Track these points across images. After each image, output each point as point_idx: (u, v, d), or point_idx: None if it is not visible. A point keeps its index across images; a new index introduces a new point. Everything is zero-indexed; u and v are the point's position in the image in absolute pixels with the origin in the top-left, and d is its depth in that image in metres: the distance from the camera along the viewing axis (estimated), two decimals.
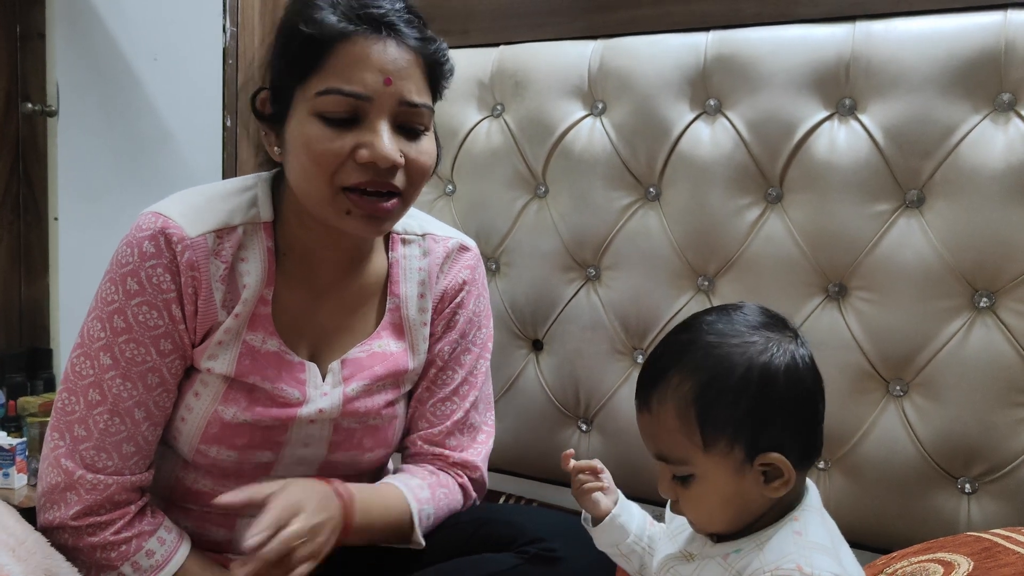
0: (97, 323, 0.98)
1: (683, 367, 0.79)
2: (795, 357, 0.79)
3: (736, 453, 0.77)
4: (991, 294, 1.20)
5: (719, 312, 0.83)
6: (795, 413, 0.79)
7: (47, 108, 2.22)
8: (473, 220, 1.57)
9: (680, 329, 0.84)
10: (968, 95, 1.20)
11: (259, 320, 1.02)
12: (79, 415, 0.98)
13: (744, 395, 0.77)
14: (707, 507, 0.81)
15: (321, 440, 1.06)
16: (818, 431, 0.82)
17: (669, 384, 0.79)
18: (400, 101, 0.94)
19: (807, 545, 0.76)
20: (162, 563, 1.00)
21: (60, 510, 0.98)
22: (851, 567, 0.78)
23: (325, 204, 0.96)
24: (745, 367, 0.77)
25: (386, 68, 0.93)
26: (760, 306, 0.84)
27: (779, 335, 0.80)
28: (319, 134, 0.93)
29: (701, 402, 0.78)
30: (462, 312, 1.14)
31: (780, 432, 0.78)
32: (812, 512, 0.80)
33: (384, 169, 0.94)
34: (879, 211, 1.25)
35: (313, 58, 0.93)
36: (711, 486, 0.79)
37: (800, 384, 0.79)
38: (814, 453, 0.82)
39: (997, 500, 1.20)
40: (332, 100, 0.92)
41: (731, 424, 0.77)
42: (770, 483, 0.78)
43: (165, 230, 0.97)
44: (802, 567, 0.74)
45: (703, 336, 0.80)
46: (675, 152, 1.39)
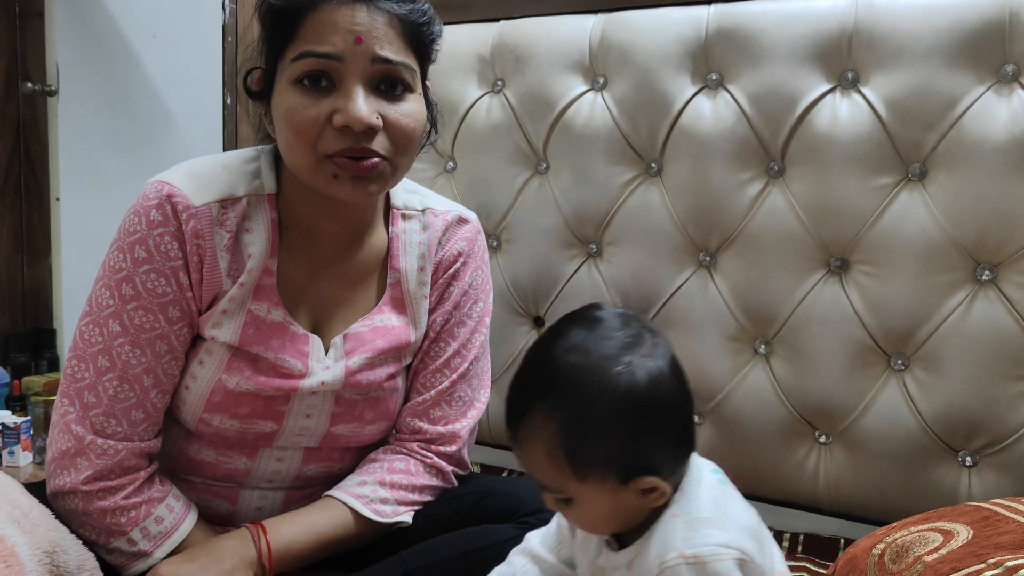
0: (106, 291, 0.98)
1: (544, 406, 0.77)
2: (652, 374, 0.77)
3: (610, 481, 0.77)
4: (993, 267, 1.20)
5: (575, 331, 0.80)
6: (662, 431, 0.78)
7: (47, 88, 2.22)
8: (474, 197, 1.56)
9: (538, 354, 0.82)
10: (972, 67, 1.19)
11: (264, 290, 1.03)
12: (88, 382, 0.99)
13: (609, 429, 0.76)
14: (590, 523, 0.83)
15: (323, 411, 1.07)
16: (688, 431, 0.81)
17: (533, 424, 0.78)
18: (372, 58, 0.94)
19: (687, 525, 0.77)
20: (170, 530, 1.01)
21: (71, 475, 0.99)
22: (741, 519, 0.79)
23: (311, 172, 0.96)
24: (606, 401, 0.76)
25: (355, 28, 0.93)
26: (614, 314, 0.81)
27: (634, 351, 0.78)
28: (297, 103, 0.94)
29: (568, 442, 0.77)
30: (457, 284, 1.14)
31: (650, 454, 0.78)
32: (690, 487, 0.80)
33: (360, 133, 0.93)
34: (881, 184, 1.25)
35: (287, 28, 0.95)
36: (591, 507, 0.80)
37: (662, 401, 0.78)
38: (687, 452, 0.82)
39: (997, 473, 1.20)
40: (305, 63, 0.93)
41: (601, 458, 0.77)
42: (647, 496, 0.79)
43: (171, 198, 0.97)
44: (684, 552, 0.75)
45: (560, 367, 0.78)
46: (676, 127, 1.39)
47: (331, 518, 1.05)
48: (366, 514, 1.05)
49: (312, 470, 1.11)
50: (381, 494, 1.07)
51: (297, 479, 1.11)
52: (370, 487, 1.08)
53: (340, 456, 1.13)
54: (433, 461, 1.12)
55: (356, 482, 1.08)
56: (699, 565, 0.74)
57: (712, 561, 0.74)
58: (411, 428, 1.13)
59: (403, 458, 1.11)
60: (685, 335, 1.40)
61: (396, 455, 1.12)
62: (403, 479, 1.09)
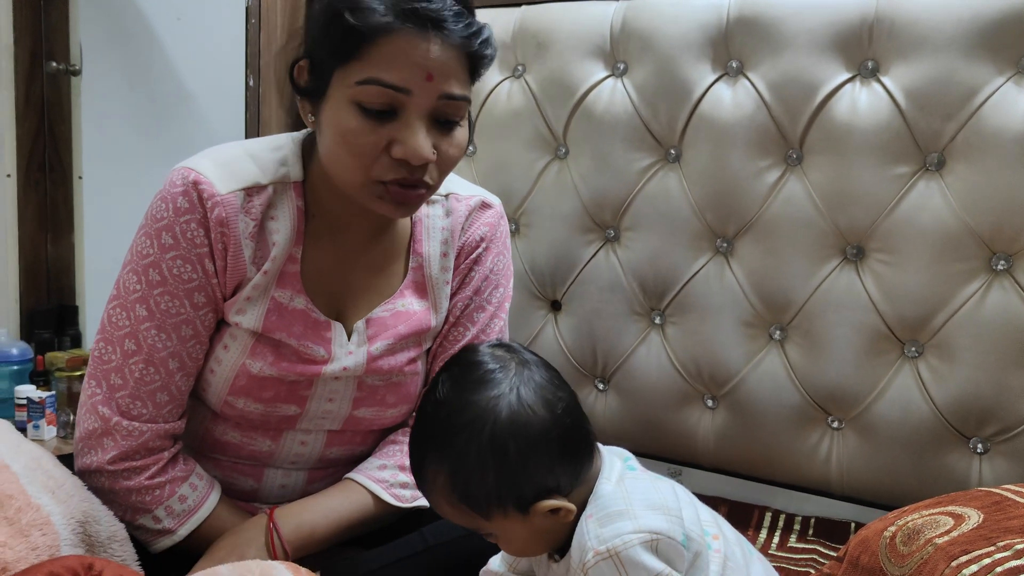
0: (133, 276, 1.00)
1: (429, 460, 0.82)
2: (515, 407, 0.80)
3: (511, 513, 0.81)
4: (1008, 257, 1.21)
5: (442, 386, 0.83)
6: (541, 456, 0.80)
7: (71, 67, 2.24)
8: (494, 181, 1.58)
9: (420, 411, 0.86)
10: (992, 57, 1.20)
11: (287, 278, 1.04)
12: (115, 364, 1.01)
13: (487, 471, 0.79)
14: (517, 547, 0.86)
15: (345, 396, 1.08)
16: (574, 448, 0.83)
17: (427, 480, 0.83)
18: (440, 95, 0.94)
19: (598, 522, 0.80)
20: (194, 508, 1.04)
21: (97, 455, 1.02)
22: (650, 496, 0.81)
23: (357, 189, 0.97)
24: (476, 445, 0.79)
25: (428, 65, 0.91)
26: (483, 352, 0.84)
27: (498, 390, 0.80)
28: (356, 126, 0.92)
29: (456, 490, 0.81)
30: (478, 269, 1.15)
31: (538, 480, 0.80)
32: (601, 485, 0.83)
33: (417, 166, 0.94)
34: (899, 174, 1.26)
35: (355, 46, 0.92)
36: (510, 536, 0.84)
37: (529, 429, 0.80)
38: (585, 459, 0.83)
39: (1009, 460, 1.22)
40: (372, 91, 0.91)
41: (492, 497, 0.80)
42: (556, 515, 0.81)
43: (197, 185, 0.98)
44: (597, 549, 0.78)
45: (434, 423, 0.82)
46: (696, 113, 1.40)
47: (352, 503, 1.07)
48: (387, 499, 1.07)
49: (334, 452, 1.13)
50: (401, 478, 1.09)
51: (320, 461, 1.13)
52: (390, 471, 1.09)
53: (362, 439, 1.14)
54: None
55: (376, 465, 1.10)
56: (614, 557, 0.77)
57: (624, 549, 0.77)
58: None
59: None
60: (701, 321, 1.42)
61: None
62: None
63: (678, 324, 1.45)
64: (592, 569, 0.78)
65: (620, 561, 0.77)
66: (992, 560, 0.79)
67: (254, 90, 1.88)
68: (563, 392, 0.84)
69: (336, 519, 1.05)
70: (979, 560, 0.80)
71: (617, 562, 0.77)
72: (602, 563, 0.77)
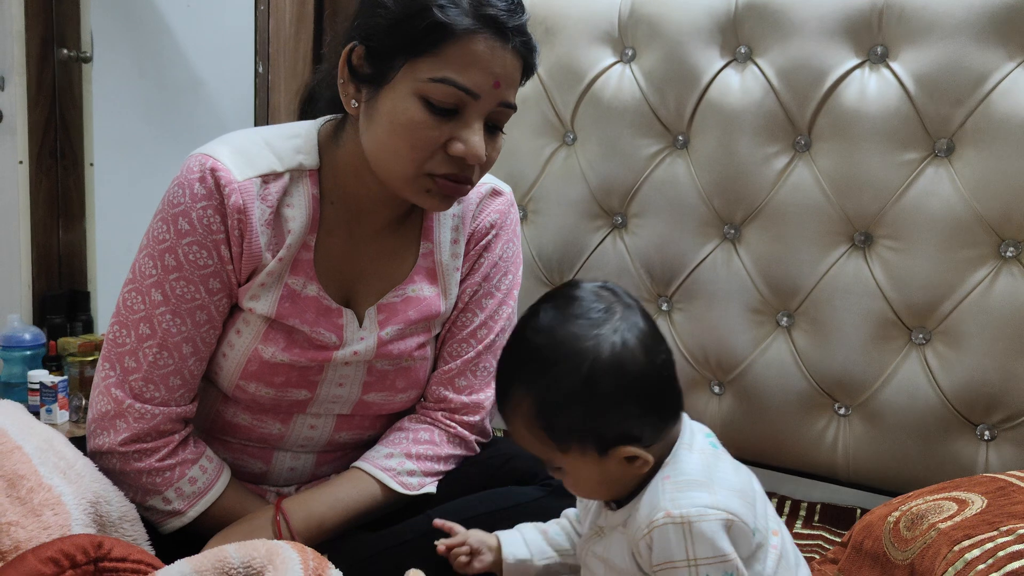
0: (149, 260, 1.01)
1: (519, 384, 0.82)
2: (616, 348, 0.79)
3: (589, 452, 0.81)
4: (1017, 243, 1.20)
5: (544, 314, 0.83)
6: (632, 402, 0.80)
7: (82, 54, 2.25)
8: (502, 167, 1.58)
9: (515, 336, 0.85)
10: (1002, 43, 1.19)
11: (301, 265, 1.05)
12: (130, 347, 1.02)
13: (577, 405, 0.79)
14: (584, 488, 0.86)
15: (356, 380, 1.09)
16: (665, 400, 0.83)
17: (511, 402, 0.83)
18: (500, 102, 0.97)
19: (675, 486, 0.79)
20: (204, 490, 1.05)
21: (109, 436, 1.03)
22: (730, 481, 0.81)
23: (406, 181, 0.98)
24: (572, 377, 0.79)
25: (497, 71, 0.94)
26: (588, 290, 0.83)
27: (602, 329, 0.80)
28: (421, 120, 0.94)
29: (541, 418, 0.81)
30: (487, 255, 1.16)
31: (624, 425, 0.80)
32: (680, 450, 0.83)
33: (469, 164, 0.97)
34: (907, 160, 1.26)
35: (434, 43, 0.93)
36: (581, 474, 0.83)
37: (627, 373, 0.79)
38: (670, 417, 0.83)
39: (1016, 446, 1.22)
40: (443, 89, 0.93)
41: (575, 431, 0.80)
42: (632, 464, 0.81)
43: (215, 172, 0.99)
44: (670, 511, 0.77)
45: (532, 349, 0.82)
46: (704, 99, 1.39)
47: (360, 492, 1.08)
48: (394, 487, 1.08)
49: (344, 436, 1.14)
50: (408, 466, 1.10)
51: (329, 444, 1.14)
52: (397, 459, 1.10)
53: (372, 423, 1.15)
54: (457, 431, 1.15)
55: (384, 454, 1.11)
56: (685, 525, 0.77)
57: (698, 521, 0.77)
58: (436, 396, 1.15)
59: (427, 428, 1.14)
60: (708, 307, 1.42)
61: (421, 424, 1.14)
62: (428, 450, 1.12)
63: (685, 310, 1.45)
64: (659, 529, 0.78)
65: (690, 530, 0.77)
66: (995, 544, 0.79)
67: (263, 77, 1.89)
68: (663, 345, 0.83)
69: (344, 509, 1.07)
70: (981, 544, 0.80)
71: (687, 530, 0.77)
72: (671, 526, 0.77)
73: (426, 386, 1.17)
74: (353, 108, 1.00)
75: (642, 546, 0.79)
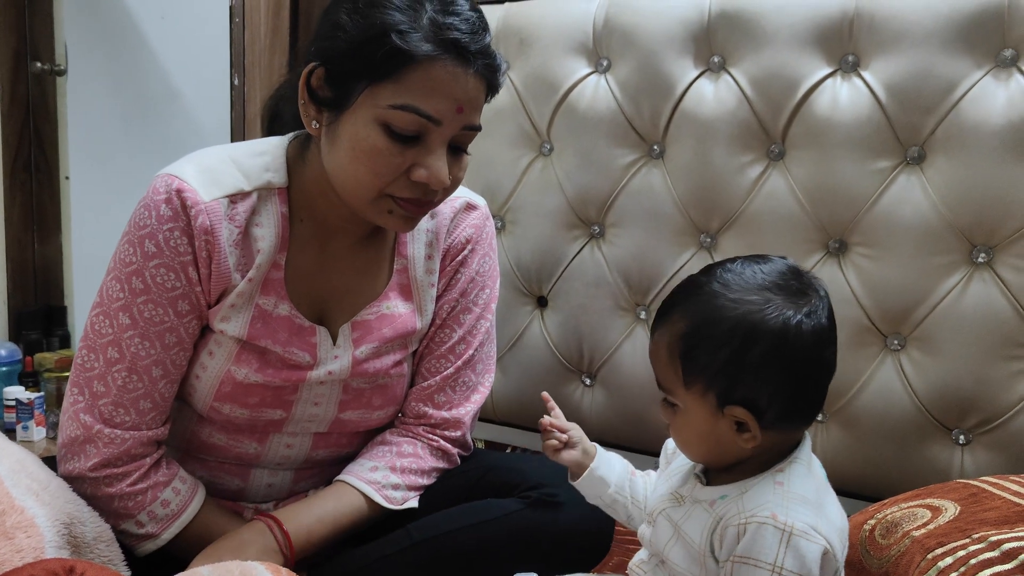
0: (116, 283, 1.00)
1: (683, 308, 0.84)
2: (789, 322, 0.79)
3: (710, 398, 0.81)
4: (989, 249, 1.22)
5: (742, 263, 0.85)
6: (777, 376, 0.80)
7: (56, 67, 2.24)
8: (479, 178, 1.58)
9: (701, 271, 0.87)
10: (970, 51, 1.20)
11: (272, 284, 1.04)
12: (98, 372, 1.01)
13: (724, 347, 0.80)
14: (685, 437, 0.86)
15: (331, 399, 1.09)
16: (808, 395, 0.83)
17: (669, 319, 0.84)
18: (464, 127, 0.96)
19: (787, 496, 0.79)
20: (177, 512, 1.04)
21: (79, 461, 1.02)
22: (835, 517, 0.81)
23: (367, 204, 0.97)
24: (733, 322, 0.80)
25: (460, 97, 0.93)
26: (790, 265, 0.84)
27: (784, 299, 0.80)
28: (383, 147, 0.93)
29: (686, 342, 0.82)
30: (464, 271, 1.15)
31: (754, 390, 0.80)
32: (799, 464, 0.83)
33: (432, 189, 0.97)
34: (880, 168, 1.27)
35: (394, 68, 0.92)
36: (691, 419, 0.84)
37: (790, 348, 0.79)
38: (799, 416, 0.83)
39: (990, 451, 1.23)
40: (405, 117, 0.92)
41: (708, 370, 0.81)
42: (741, 434, 0.81)
43: (181, 193, 0.98)
44: (776, 515, 0.77)
45: (711, 283, 0.83)
46: (679, 109, 1.40)
47: (345, 506, 1.07)
48: (379, 501, 1.08)
49: (321, 454, 1.13)
50: (393, 480, 1.10)
51: (306, 462, 1.14)
52: (382, 472, 1.10)
53: (349, 441, 1.15)
54: (440, 444, 1.14)
55: (368, 467, 1.10)
56: (787, 534, 0.76)
57: (802, 537, 0.76)
58: (416, 413, 1.15)
59: (411, 441, 1.13)
60: None
61: (403, 438, 1.14)
62: (412, 463, 1.12)
63: None
64: (759, 525, 0.77)
65: (790, 542, 0.76)
66: (967, 552, 0.80)
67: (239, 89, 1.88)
68: (831, 349, 0.84)
69: (332, 522, 1.06)
70: (954, 552, 0.81)
71: (786, 540, 0.76)
72: (772, 530, 0.76)
73: (404, 402, 1.16)
74: (315, 129, 0.99)
75: (730, 532, 0.79)
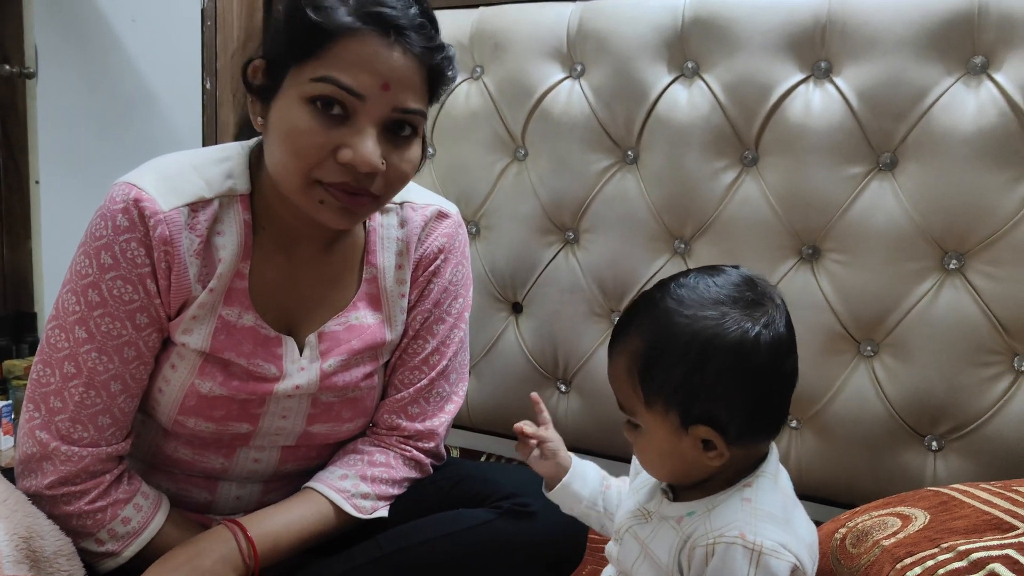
0: (72, 296, 0.97)
1: (639, 325, 0.82)
2: (747, 335, 0.77)
3: (672, 417, 0.80)
4: (960, 256, 1.22)
5: (695, 276, 0.83)
6: (736, 390, 0.78)
7: (25, 70, 2.20)
8: (453, 183, 1.57)
9: (655, 286, 0.85)
10: (941, 58, 1.21)
11: (235, 294, 1.01)
12: (54, 387, 0.97)
13: (680, 364, 0.78)
14: (650, 457, 0.85)
15: (299, 413, 1.06)
16: (771, 408, 0.81)
17: (626, 338, 0.83)
18: (394, 108, 0.92)
19: (755, 513, 0.78)
20: (138, 530, 1.00)
21: (36, 479, 0.98)
22: (803, 532, 0.80)
23: (298, 192, 0.94)
24: (688, 338, 0.78)
25: (385, 74, 0.90)
26: (744, 276, 0.82)
27: (740, 311, 0.78)
28: (305, 126, 0.90)
29: (643, 361, 0.80)
30: (437, 281, 1.13)
31: (715, 407, 0.78)
32: (765, 479, 0.81)
33: (363, 173, 0.92)
34: (852, 174, 1.27)
35: (315, 44, 0.90)
36: (654, 440, 0.82)
37: (748, 361, 0.78)
38: (763, 429, 0.82)
39: (962, 457, 1.23)
40: (325, 87, 0.89)
41: (666, 389, 0.79)
42: (707, 452, 0.80)
43: (139, 203, 0.94)
44: (745, 535, 0.75)
45: (665, 299, 0.81)
46: (652, 115, 1.40)
47: (313, 514, 1.05)
48: (347, 510, 1.06)
49: (290, 467, 1.11)
50: (363, 489, 1.08)
51: (275, 475, 1.11)
52: (351, 481, 1.08)
53: (318, 453, 1.13)
54: (412, 454, 1.12)
55: (338, 475, 1.08)
56: (756, 553, 0.75)
57: (770, 555, 0.74)
58: (389, 424, 1.13)
59: (383, 451, 1.12)
60: None
61: (375, 447, 1.12)
62: (383, 472, 1.10)
63: None
64: (728, 546, 0.75)
65: (759, 562, 0.74)
66: (935, 562, 0.79)
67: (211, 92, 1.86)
68: (791, 360, 0.82)
69: (299, 530, 1.04)
70: (923, 562, 0.80)
71: (756, 560, 0.74)
72: (741, 549, 0.75)
73: (376, 413, 1.14)
74: (259, 124, 0.97)
75: (698, 553, 0.77)
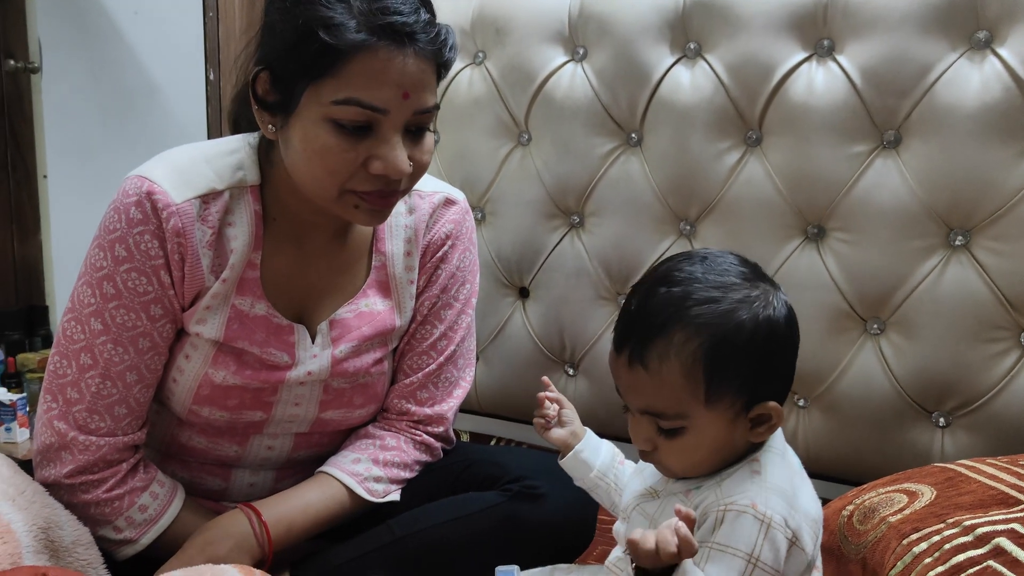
0: (87, 289, 0.99)
1: (687, 324, 0.78)
2: (782, 307, 0.80)
3: (736, 405, 0.79)
4: (966, 232, 1.22)
5: (701, 262, 0.81)
6: (790, 362, 0.82)
7: (30, 65, 2.21)
8: (457, 170, 1.57)
9: (665, 282, 0.81)
10: (945, 33, 1.20)
11: (247, 284, 1.03)
12: (71, 378, 1.00)
13: (753, 352, 0.78)
14: (691, 456, 0.82)
15: (312, 399, 1.08)
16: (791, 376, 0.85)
17: (672, 341, 0.78)
18: (415, 112, 0.93)
19: (765, 486, 0.79)
20: (155, 517, 1.03)
21: (55, 468, 1.01)
22: (809, 508, 0.81)
23: (331, 201, 0.96)
24: (753, 324, 0.78)
25: (404, 83, 0.90)
26: (734, 254, 0.84)
27: (767, 285, 0.81)
28: (333, 144, 0.91)
29: (710, 360, 0.78)
30: (444, 267, 1.14)
31: (778, 382, 0.81)
32: (773, 454, 0.82)
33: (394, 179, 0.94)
34: (856, 152, 1.26)
35: (330, 64, 0.89)
36: (702, 437, 0.80)
37: (790, 332, 0.81)
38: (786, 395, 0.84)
39: (969, 433, 1.24)
40: (350, 111, 0.90)
41: (739, 379, 0.78)
42: (756, 429, 0.81)
43: (151, 195, 0.96)
44: (756, 505, 0.76)
45: (698, 290, 0.79)
46: (656, 97, 1.39)
47: (327, 498, 1.06)
48: (361, 494, 1.07)
49: (302, 454, 1.13)
50: (375, 472, 1.09)
51: (288, 462, 1.13)
52: (364, 464, 1.09)
53: (330, 440, 1.14)
54: (423, 439, 1.14)
55: (351, 459, 1.10)
56: (765, 525, 0.76)
57: (777, 529, 0.76)
58: (398, 409, 1.14)
59: (394, 435, 1.13)
60: None
61: (387, 432, 1.13)
62: (395, 456, 1.11)
63: None
64: (739, 514, 0.76)
65: (767, 533, 0.75)
66: (941, 537, 0.80)
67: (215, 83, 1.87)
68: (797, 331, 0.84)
69: (314, 514, 1.05)
70: (929, 537, 0.81)
71: (765, 531, 0.76)
72: (751, 519, 0.76)
73: (386, 399, 1.16)
74: (271, 133, 0.97)
75: (708, 520, 0.78)
